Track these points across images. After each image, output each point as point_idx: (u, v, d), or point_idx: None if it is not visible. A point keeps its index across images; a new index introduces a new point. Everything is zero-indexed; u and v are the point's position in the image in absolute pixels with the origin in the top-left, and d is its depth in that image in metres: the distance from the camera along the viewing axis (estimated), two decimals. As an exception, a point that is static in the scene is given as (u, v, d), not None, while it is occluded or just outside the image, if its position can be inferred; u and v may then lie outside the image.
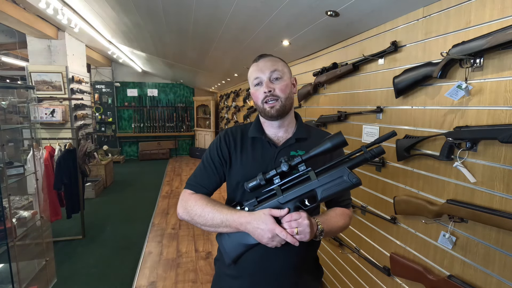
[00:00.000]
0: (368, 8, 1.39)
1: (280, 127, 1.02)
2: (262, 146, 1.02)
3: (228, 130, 1.07)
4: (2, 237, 1.86)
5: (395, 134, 0.84)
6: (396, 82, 1.40)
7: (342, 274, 2.09)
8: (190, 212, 0.95)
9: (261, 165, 0.97)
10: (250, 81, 1.02)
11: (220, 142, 1.03)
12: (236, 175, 1.00)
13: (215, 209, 0.92)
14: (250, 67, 1.03)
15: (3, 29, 4.66)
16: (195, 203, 0.96)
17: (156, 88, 8.50)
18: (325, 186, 0.85)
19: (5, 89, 2.88)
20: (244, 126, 1.09)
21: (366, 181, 1.76)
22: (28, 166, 2.59)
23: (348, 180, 0.84)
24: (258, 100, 0.98)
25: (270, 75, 0.96)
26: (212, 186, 1.03)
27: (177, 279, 2.67)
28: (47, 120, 4.21)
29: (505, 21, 0.96)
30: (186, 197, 0.99)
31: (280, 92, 0.96)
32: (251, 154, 1.01)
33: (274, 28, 1.98)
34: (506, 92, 0.96)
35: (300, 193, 0.87)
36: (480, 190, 1.07)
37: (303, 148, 1.00)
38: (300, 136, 1.02)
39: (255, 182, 0.90)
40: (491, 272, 1.04)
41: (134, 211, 4.36)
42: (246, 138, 1.04)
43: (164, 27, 2.71)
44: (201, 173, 1.03)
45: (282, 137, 1.03)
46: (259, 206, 0.91)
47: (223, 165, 1.02)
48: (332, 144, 0.85)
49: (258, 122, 1.06)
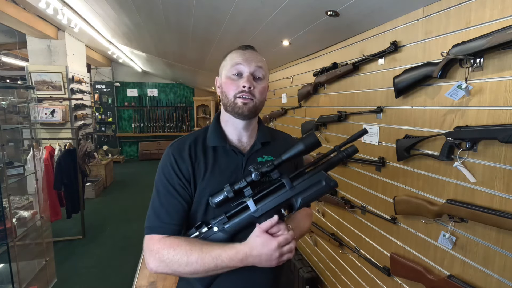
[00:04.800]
0: (368, 8, 1.39)
1: (245, 129, 0.89)
2: (227, 155, 0.87)
3: (178, 144, 0.87)
4: (2, 237, 1.86)
5: (366, 132, 0.82)
6: (396, 82, 1.40)
7: (342, 274, 2.09)
8: (170, 264, 0.76)
9: (228, 177, 0.84)
10: (226, 68, 0.86)
11: (176, 160, 0.83)
12: (201, 193, 0.83)
13: (203, 252, 0.75)
14: (230, 53, 0.88)
15: (3, 29, 4.66)
16: (174, 252, 0.76)
17: (156, 88, 8.50)
18: (303, 193, 0.78)
19: (5, 89, 2.88)
20: (197, 134, 0.91)
21: (366, 181, 1.76)
22: (28, 166, 2.59)
23: (326, 184, 0.78)
24: (231, 91, 0.83)
25: (254, 70, 0.84)
26: (181, 219, 0.83)
27: (177, 279, 2.65)
28: (47, 120, 4.21)
29: (505, 21, 0.96)
30: (156, 245, 0.78)
31: (258, 93, 0.84)
32: (215, 166, 0.85)
33: (274, 28, 1.98)
34: (506, 92, 0.96)
35: (276, 203, 0.78)
36: (480, 190, 1.07)
37: (268, 153, 0.91)
38: (265, 140, 0.92)
39: (222, 196, 0.78)
40: (491, 272, 1.04)
41: (134, 211, 4.36)
42: (206, 148, 0.87)
43: (164, 27, 2.71)
44: (162, 207, 0.82)
45: (246, 142, 0.91)
46: (230, 223, 0.80)
47: (187, 188, 0.83)
48: (305, 145, 0.78)
49: (217, 128, 0.90)
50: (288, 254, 0.76)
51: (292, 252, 0.77)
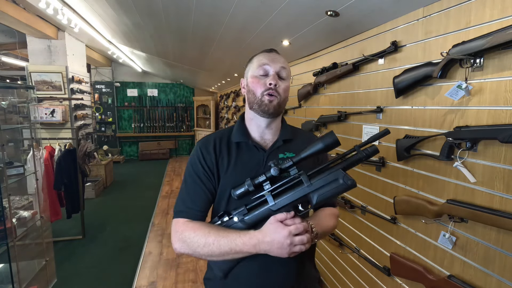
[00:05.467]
0: (368, 8, 1.39)
1: (268, 128, 0.95)
2: (249, 151, 0.94)
3: (205, 140, 0.97)
4: (2, 237, 1.86)
5: (388, 132, 0.82)
6: (396, 82, 1.40)
7: (342, 274, 2.09)
8: (190, 244, 0.84)
9: (250, 171, 0.90)
10: (253, 68, 0.93)
11: (202, 153, 0.93)
12: (225, 185, 0.91)
13: (220, 235, 0.82)
14: (256, 56, 0.95)
15: (3, 29, 4.66)
16: (194, 234, 0.84)
17: (156, 88, 8.50)
18: (319, 190, 0.80)
19: (5, 89, 2.88)
20: (223, 131, 1.00)
21: (366, 181, 1.76)
22: (28, 166, 2.59)
23: (343, 183, 0.79)
24: (258, 89, 0.90)
25: (279, 69, 0.91)
26: (204, 206, 0.92)
27: (177, 279, 2.67)
28: (47, 120, 4.21)
29: (505, 21, 0.96)
30: (181, 227, 0.87)
31: (282, 91, 0.91)
32: (238, 160, 0.92)
33: (274, 28, 1.98)
34: (506, 92, 0.97)
35: (293, 199, 0.81)
36: (480, 190, 1.07)
37: (290, 150, 0.95)
38: (287, 137, 0.97)
39: (243, 189, 0.83)
40: (491, 272, 1.04)
41: (134, 211, 4.36)
42: (230, 144, 0.95)
43: (164, 27, 2.71)
44: (188, 195, 0.92)
45: (269, 139, 0.97)
46: (249, 215, 0.84)
47: (211, 179, 0.91)
48: (324, 144, 0.80)
49: (242, 126, 0.98)
50: (300, 246, 0.77)
51: (305, 245, 0.78)
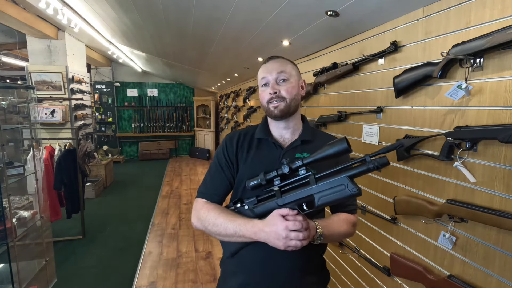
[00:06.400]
0: (368, 8, 1.39)
1: (286, 128, 1.03)
2: (268, 147, 1.03)
3: (232, 134, 1.09)
4: (2, 237, 1.86)
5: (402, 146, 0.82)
6: (396, 82, 1.40)
7: (342, 274, 2.09)
8: (203, 222, 0.96)
9: (266, 166, 0.96)
10: (258, 82, 1.05)
11: (226, 145, 1.05)
12: (242, 175, 1.01)
13: (228, 219, 0.92)
14: (260, 67, 1.05)
15: (3, 29, 4.66)
16: (208, 213, 0.96)
17: (156, 88, 8.50)
18: (323, 192, 0.83)
19: (5, 89, 2.88)
20: (250, 128, 1.11)
21: (366, 181, 1.76)
22: (28, 166, 2.59)
23: (347, 190, 0.80)
24: (264, 100, 1.01)
25: (277, 76, 0.98)
26: (223, 192, 1.04)
27: (177, 279, 2.67)
28: (47, 120, 4.21)
29: (505, 21, 0.96)
30: (199, 206, 1.01)
31: (286, 93, 0.97)
32: (256, 154, 1.02)
33: (274, 28, 1.98)
34: (506, 92, 0.97)
35: (297, 197, 0.86)
36: (480, 190, 1.07)
37: (308, 150, 1.00)
38: (306, 138, 1.03)
39: (256, 181, 0.91)
40: (491, 272, 1.04)
41: (134, 211, 4.36)
42: (253, 139, 1.06)
43: (164, 27, 2.71)
44: (210, 179, 1.05)
45: (288, 138, 1.04)
46: (258, 206, 0.92)
47: (231, 168, 1.03)
48: (333, 150, 0.82)
49: (265, 124, 1.08)
50: (296, 241, 0.81)
51: (301, 241, 0.81)
